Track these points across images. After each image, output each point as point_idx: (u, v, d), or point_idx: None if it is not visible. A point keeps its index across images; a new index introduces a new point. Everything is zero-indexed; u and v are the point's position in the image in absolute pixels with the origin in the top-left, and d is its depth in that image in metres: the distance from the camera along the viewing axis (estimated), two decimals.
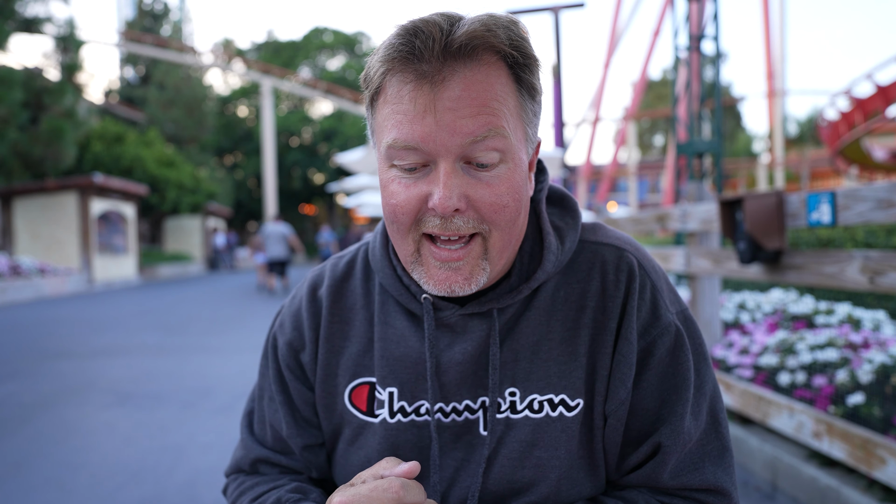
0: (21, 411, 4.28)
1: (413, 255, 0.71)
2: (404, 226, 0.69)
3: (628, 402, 0.75)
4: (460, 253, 0.68)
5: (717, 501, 0.74)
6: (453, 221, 0.67)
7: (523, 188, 0.70)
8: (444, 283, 0.69)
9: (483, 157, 0.66)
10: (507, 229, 0.69)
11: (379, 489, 0.63)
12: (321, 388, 0.84)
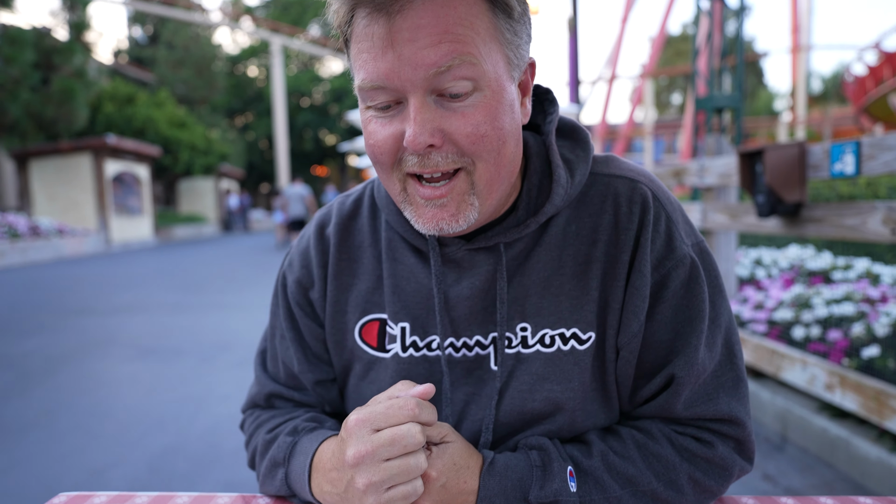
0: (47, 364, 4.43)
1: (401, 194, 0.70)
2: (386, 165, 0.68)
3: (641, 335, 0.75)
4: (443, 190, 0.67)
5: (731, 431, 0.75)
6: (431, 158, 0.65)
7: (505, 115, 0.66)
8: (432, 220, 0.68)
9: (453, 88, 0.62)
10: (491, 160, 0.66)
11: (394, 407, 0.64)
12: (331, 324, 0.84)
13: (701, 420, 0.75)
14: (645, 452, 0.73)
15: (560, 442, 0.76)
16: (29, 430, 3.16)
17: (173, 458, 2.80)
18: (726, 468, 0.74)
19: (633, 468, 0.72)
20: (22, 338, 5.27)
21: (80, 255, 14.39)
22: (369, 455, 0.62)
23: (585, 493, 0.70)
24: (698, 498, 0.74)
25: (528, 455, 0.72)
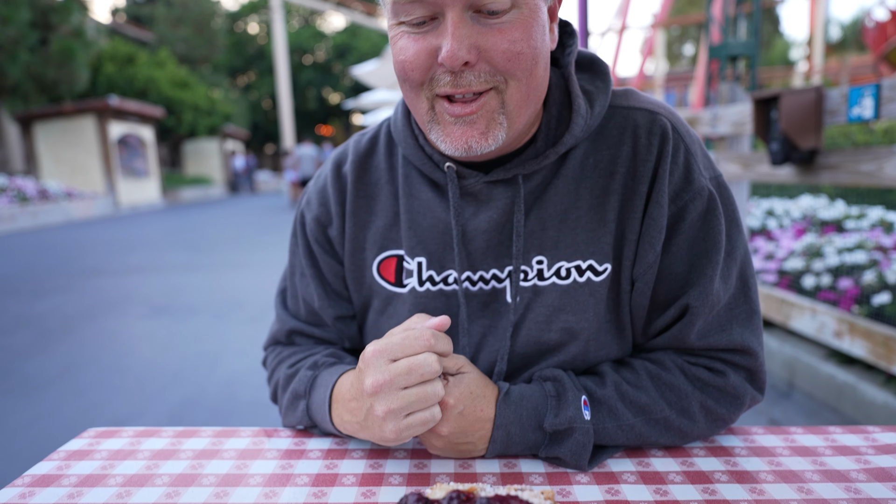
0: (65, 322, 4.52)
1: (428, 113, 0.69)
2: (415, 84, 0.67)
3: (656, 267, 0.75)
4: (474, 106, 0.66)
5: (743, 361, 0.76)
6: (463, 77, 0.64)
7: (540, 37, 0.66)
8: (461, 139, 0.67)
9: (493, 4, 0.62)
10: (524, 80, 0.66)
11: (410, 338, 0.65)
12: (350, 261, 0.85)
13: (713, 350, 0.76)
14: (657, 382, 0.75)
15: (574, 374, 0.77)
16: (52, 385, 3.26)
17: (192, 409, 2.88)
18: (738, 397, 0.75)
19: (645, 397, 0.73)
20: (39, 298, 5.37)
21: (90, 217, 14.49)
22: (387, 384, 0.64)
23: (599, 421, 0.72)
24: (710, 426, 0.75)
25: (542, 386, 0.74)
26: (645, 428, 0.73)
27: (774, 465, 0.73)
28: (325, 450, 0.78)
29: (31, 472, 0.74)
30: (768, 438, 0.80)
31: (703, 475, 0.70)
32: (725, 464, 0.73)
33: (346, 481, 0.70)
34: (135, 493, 0.69)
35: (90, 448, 0.80)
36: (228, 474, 0.72)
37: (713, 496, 0.66)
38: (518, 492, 0.50)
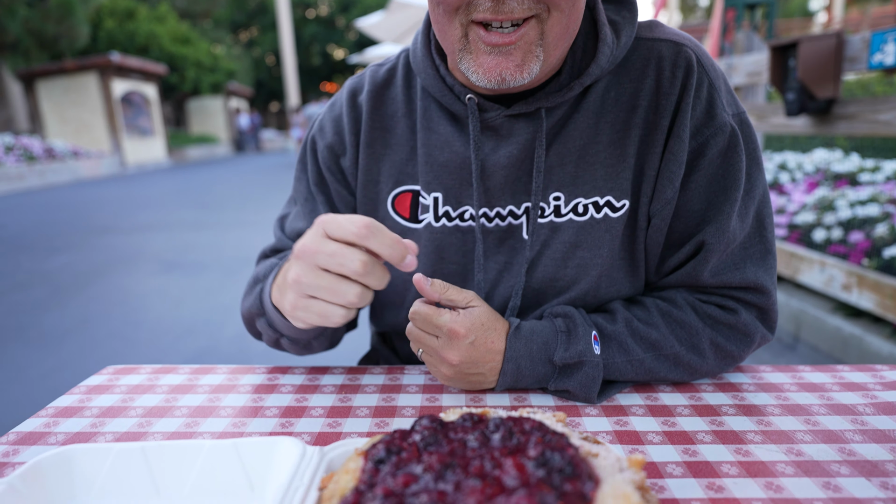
0: (78, 278, 4.59)
1: (460, 41, 0.66)
2: (450, 8, 0.64)
3: (674, 203, 0.74)
4: (513, 36, 0.63)
5: (755, 299, 0.76)
6: (506, 3, 0.61)
7: None
8: (495, 70, 0.65)
9: None
10: (567, 10, 0.63)
11: (350, 221, 0.57)
12: (362, 194, 0.84)
13: (726, 288, 0.76)
14: (668, 319, 0.75)
15: (585, 311, 0.77)
16: (68, 338, 3.33)
17: (207, 361, 2.95)
18: (748, 334, 0.75)
19: (656, 333, 0.74)
20: (51, 255, 5.43)
21: (97, 176, 14.49)
22: (309, 254, 0.58)
23: (609, 356, 0.72)
24: (719, 363, 0.76)
25: (553, 321, 0.74)
26: (654, 363, 0.73)
27: (782, 400, 0.74)
28: (337, 385, 0.80)
29: (54, 404, 0.76)
30: (776, 376, 0.81)
31: (710, 408, 0.71)
32: (733, 398, 0.74)
33: (359, 413, 0.72)
34: (155, 423, 0.71)
35: (110, 383, 0.82)
36: (245, 406, 0.74)
37: (720, 427, 0.67)
38: (530, 413, 0.51)
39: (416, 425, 0.48)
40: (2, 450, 0.65)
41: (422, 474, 0.42)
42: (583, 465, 0.42)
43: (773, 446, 0.63)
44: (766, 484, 0.56)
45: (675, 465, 0.59)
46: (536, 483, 0.40)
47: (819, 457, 0.61)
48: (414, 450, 0.45)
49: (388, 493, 0.40)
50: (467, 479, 0.41)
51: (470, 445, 0.46)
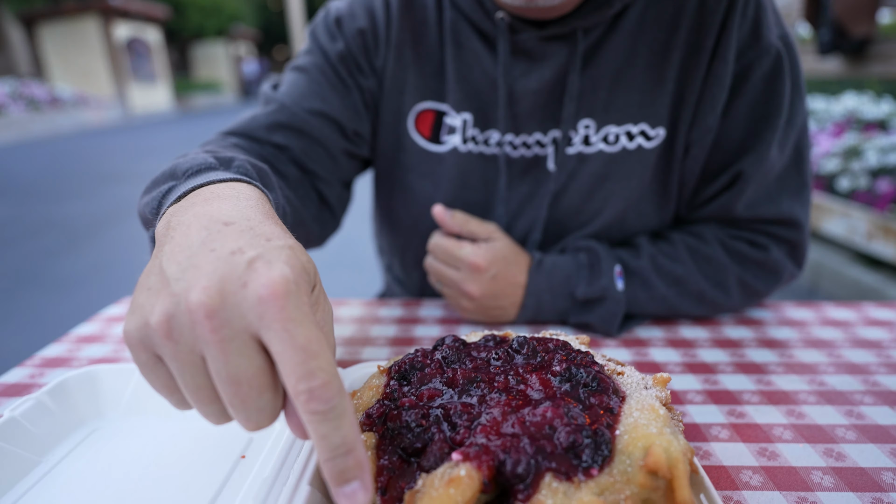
0: (90, 225, 4.62)
1: None
2: None
3: (714, 130, 0.71)
4: None
5: (788, 233, 0.74)
6: None
7: None
8: None
9: None
10: None
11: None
12: (387, 103, 0.77)
13: (759, 221, 0.73)
14: (695, 255, 0.73)
15: (609, 244, 0.76)
16: (82, 284, 3.38)
17: None
18: (776, 272, 0.74)
19: (681, 269, 0.72)
20: (63, 202, 5.46)
21: (103, 124, 14.39)
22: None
23: (632, 292, 0.71)
24: (744, 299, 0.75)
25: (575, 256, 0.73)
26: (678, 299, 0.72)
27: (805, 335, 0.73)
28: (354, 317, 0.80)
29: (75, 331, 0.76)
30: (799, 312, 0.80)
31: (731, 342, 0.71)
32: (755, 332, 0.73)
33: (377, 342, 0.72)
34: None
35: None
36: None
37: (741, 359, 0.66)
38: (553, 335, 0.50)
39: (439, 344, 0.48)
40: (28, 372, 0.66)
41: (446, 389, 0.42)
42: (608, 381, 0.41)
43: (794, 377, 0.62)
44: (788, 411, 0.56)
45: (696, 393, 0.59)
46: (562, 395, 0.40)
47: (842, 387, 0.60)
48: (437, 366, 0.45)
49: (412, 404, 0.40)
50: (492, 394, 0.41)
51: (494, 363, 0.45)
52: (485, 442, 0.35)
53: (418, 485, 0.34)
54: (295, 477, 0.40)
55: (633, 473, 0.34)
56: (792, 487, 0.45)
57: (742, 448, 0.50)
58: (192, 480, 0.46)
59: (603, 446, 0.35)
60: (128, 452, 0.50)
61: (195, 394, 0.34)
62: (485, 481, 0.34)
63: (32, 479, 0.47)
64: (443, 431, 0.38)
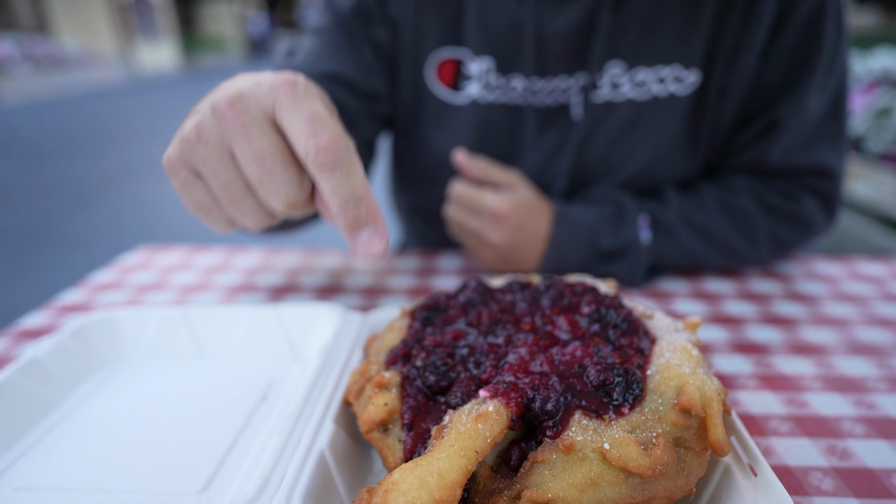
0: (102, 184, 4.63)
1: None
2: None
3: (752, 72, 0.67)
4: None
5: (822, 184, 0.71)
6: None
7: None
8: None
9: None
10: None
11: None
12: (407, 52, 0.75)
13: (793, 171, 0.71)
14: (725, 206, 0.71)
15: (636, 194, 0.73)
16: (95, 242, 3.41)
17: None
18: (807, 225, 0.72)
19: (710, 221, 0.70)
20: (73, 162, 5.46)
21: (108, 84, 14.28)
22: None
23: (658, 243, 0.69)
24: (773, 252, 0.73)
25: (601, 207, 0.71)
26: (705, 251, 0.70)
27: (835, 288, 0.71)
28: (371, 269, 0.79)
29: (92, 279, 0.76)
30: (829, 266, 0.78)
31: (758, 295, 0.69)
32: (783, 285, 0.72)
33: (396, 291, 0.71)
34: (193, 297, 0.71)
35: (146, 262, 0.83)
36: (281, 285, 0.74)
37: (769, 312, 0.65)
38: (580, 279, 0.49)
39: (463, 287, 0.47)
40: (48, 315, 0.66)
41: (470, 330, 0.41)
42: (639, 323, 0.40)
43: (824, 330, 0.61)
44: (818, 362, 0.55)
45: (722, 345, 0.58)
46: (591, 336, 0.39)
47: (873, 340, 0.59)
48: (461, 309, 0.44)
49: (436, 343, 0.39)
50: (518, 334, 0.40)
51: (519, 306, 0.44)
52: (513, 380, 0.35)
53: (445, 420, 0.34)
54: (319, 415, 0.40)
55: (664, 412, 0.33)
56: (822, 434, 0.44)
57: (770, 397, 0.49)
58: (214, 420, 0.46)
59: (634, 385, 0.34)
60: (149, 393, 0.50)
61: (228, 193, 0.40)
62: (513, 417, 0.33)
63: (55, 417, 0.47)
64: (469, 370, 0.37)
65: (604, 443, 0.32)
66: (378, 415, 0.36)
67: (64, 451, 0.43)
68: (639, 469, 0.31)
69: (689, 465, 0.33)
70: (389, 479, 0.30)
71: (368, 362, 0.42)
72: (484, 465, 0.34)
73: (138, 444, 0.43)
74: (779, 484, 0.32)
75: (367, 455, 0.42)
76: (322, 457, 0.36)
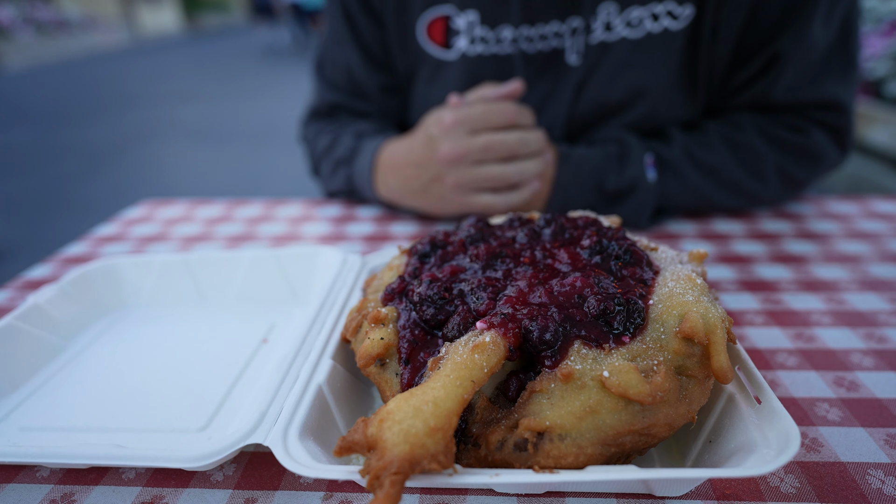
0: (111, 149, 4.63)
1: None
2: None
3: (746, 7, 0.64)
4: None
5: (831, 118, 0.68)
6: None
7: None
8: None
9: None
10: None
11: (493, 111, 0.61)
12: (394, 22, 0.76)
13: (799, 106, 0.68)
14: (730, 143, 0.68)
15: (640, 135, 0.71)
16: (105, 206, 3.42)
17: None
18: (818, 157, 0.69)
19: (715, 157, 0.68)
20: (80, 127, 5.44)
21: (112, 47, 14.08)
22: (464, 156, 0.61)
23: (664, 182, 0.67)
24: (783, 189, 0.70)
25: (605, 147, 0.68)
26: (713, 190, 0.68)
27: (848, 227, 0.69)
28: (373, 216, 0.78)
29: (95, 232, 0.76)
30: (843, 205, 0.75)
31: (768, 234, 0.67)
32: (795, 224, 0.70)
33: (398, 238, 0.70)
34: (196, 247, 0.70)
35: (148, 214, 0.82)
36: (282, 234, 0.73)
37: (779, 251, 0.63)
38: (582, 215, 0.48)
39: (462, 224, 0.46)
40: (51, 268, 0.66)
41: (469, 265, 0.40)
42: (642, 254, 0.39)
43: (836, 266, 0.59)
44: (828, 298, 0.53)
45: (729, 283, 0.57)
46: (592, 267, 0.37)
47: (887, 276, 0.57)
48: (460, 245, 0.43)
49: (433, 278, 0.38)
50: (518, 268, 0.39)
51: (519, 241, 0.43)
52: (510, 311, 0.34)
53: (441, 352, 0.33)
54: (317, 352, 0.39)
55: (667, 340, 0.33)
56: (830, 367, 0.43)
57: (778, 332, 0.48)
58: (215, 362, 0.46)
59: (635, 314, 0.33)
60: (152, 339, 0.50)
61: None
62: (511, 348, 0.32)
63: (59, 362, 0.47)
64: (466, 304, 0.36)
65: (603, 371, 0.31)
66: (374, 349, 0.36)
67: (68, 394, 0.43)
68: (639, 396, 0.30)
69: (691, 392, 0.33)
70: (384, 409, 0.30)
71: (366, 300, 0.41)
72: (482, 395, 0.34)
73: (141, 387, 0.44)
74: (784, 410, 0.31)
75: (367, 392, 0.42)
76: (320, 391, 0.36)
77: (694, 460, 0.35)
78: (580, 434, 0.30)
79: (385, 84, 0.82)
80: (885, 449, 0.36)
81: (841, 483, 0.33)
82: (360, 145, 0.76)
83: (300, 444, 0.32)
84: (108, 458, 0.32)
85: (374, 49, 0.80)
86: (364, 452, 0.29)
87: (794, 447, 0.29)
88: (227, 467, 0.36)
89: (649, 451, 0.36)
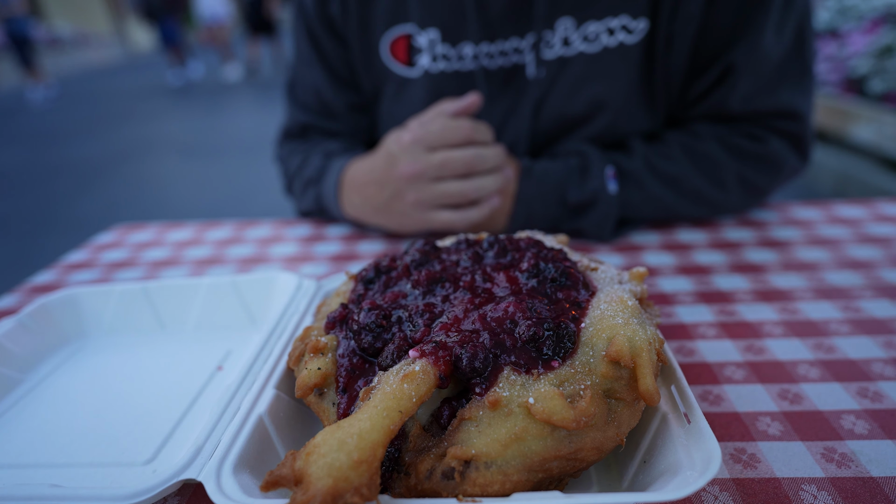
0: (103, 165, 4.64)
1: None
2: None
3: (698, 19, 0.65)
4: None
5: (788, 126, 0.68)
6: None
7: None
8: None
9: None
10: None
11: (450, 128, 0.61)
12: (358, 42, 0.78)
13: (756, 115, 0.68)
14: (690, 152, 0.69)
15: (601, 148, 0.72)
16: (98, 225, 3.43)
17: None
18: (778, 165, 0.69)
19: (676, 167, 0.68)
20: (74, 144, 5.46)
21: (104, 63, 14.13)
22: (421, 173, 0.62)
23: (626, 193, 0.68)
24: (745, 197, 0.71)
25: (566, 160, 0.69)
26: (674, 199, 0.69)
27: (809, 233, 0.69)
28: (342, 235, 0.78)
29: (64, 259, 0.76)
30: (807, 211, 0.76)
31: (730, 243, 0.68)
32: (757, 232, 0.70)
33: (363, 258, 0.70)
34: (162, 273, 0.71)
35: (119, 240, 0.82)
36: (249, 256, 0.74)
37: (738, 260, 0.64)
38: (531, 234, 0.48)
39: (409, 248, 0.46)
40: (17, 298, 0.66)
41: (411, 291, 0.41)
42: (578, 276, 0.39)
43: (793, 275, 0.60)
44: (781, 308, 0.54)
45: (686, 295, 0.57)
46: (528, 291, 0.38)
47: (842, 283, 0.58)
48: (404, 270, 0.43)
49: (373, 306, 0.38)
50: (456, 293, 0.39)
51: (462, 264, 0.43)
52: (442, 338, 0.34)
53: (374, 381, 0.33)
54: (261, 382, 0.40)
55: (595, 364, 0.33)
56: (775, 380, 0.44)
57: (728, 345, 0.49)
58: (169, 391, 0.46)
59: (565, 339, 0.34)
60: (109, 369, 0.50)
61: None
62: (441, 376, 0.33)
63: (15, 396, 0.47)
64: (403, 331, 0.37)
65: (529, 397, 0.31)
66: (311, 379, 0.36)
67: (19, 429, 0.43)
68: (563, 422, 0.30)
69: (620, 415, 0.33)
70: (312, 442, 0.30)
71: (310, 328, 0.41)
72: (416, 423, 0.34)
73: (93, 420, 0.44)
74: (709, 430, 0.32)
75: (313, 421, 0.42)
76: (261, 422, 0.37)
77: (630, 481, 0.35)
78: (505, 461, 0.30)
79: (353, 103, 0.83)
80: (821, 463, 0.36)
81: (774, 500, 0.34)
82: (327, 165, 0.77)
83: (233, 478, 0.32)
84: (40, 498, 0.32)
85: (339, 69, 0.81)
86: (291, 487, 0.29)
87: (715, 468, 0.29)
88: (170, 500, 0.36)
89: (587, 472, 0.36)
